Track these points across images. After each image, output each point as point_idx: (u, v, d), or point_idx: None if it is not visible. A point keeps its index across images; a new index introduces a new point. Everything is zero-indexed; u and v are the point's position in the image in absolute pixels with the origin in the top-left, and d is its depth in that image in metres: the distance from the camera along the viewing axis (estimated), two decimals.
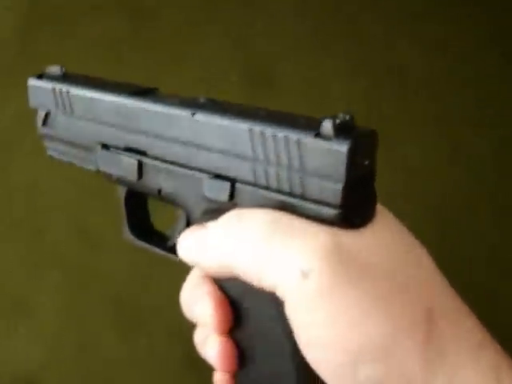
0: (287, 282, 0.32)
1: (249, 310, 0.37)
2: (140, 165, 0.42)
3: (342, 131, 0.32)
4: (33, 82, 0.48)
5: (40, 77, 0.48)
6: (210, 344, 0.38)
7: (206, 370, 0.41)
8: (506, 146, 1.32)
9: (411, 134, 1.30)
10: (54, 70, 0.47)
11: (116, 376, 1.14)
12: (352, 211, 0.33)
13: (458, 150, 1.31)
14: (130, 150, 0.42)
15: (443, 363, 0.31)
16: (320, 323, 0.31)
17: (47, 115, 0.47)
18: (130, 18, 1.29)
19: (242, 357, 0.38)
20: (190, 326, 0.42)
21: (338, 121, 0.32)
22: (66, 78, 0.47)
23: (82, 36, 1.26)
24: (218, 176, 0.37)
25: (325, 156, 0.32)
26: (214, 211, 0.37)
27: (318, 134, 0.32)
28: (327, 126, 0.32)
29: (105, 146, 0.44)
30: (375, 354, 0.31)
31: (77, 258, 1.18)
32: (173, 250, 0.43)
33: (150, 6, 1.30)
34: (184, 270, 0.41)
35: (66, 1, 1.25)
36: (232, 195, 0.36)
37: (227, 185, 0.36)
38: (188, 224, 0.41)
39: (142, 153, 0.41)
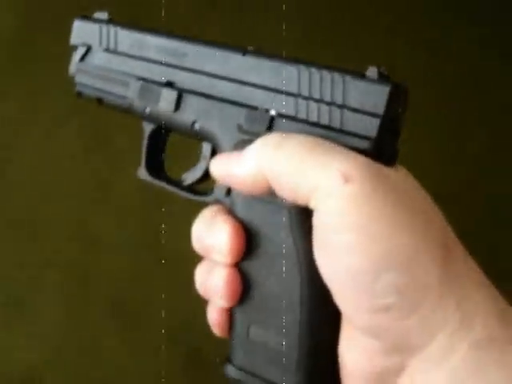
0: (327, 185, 0.34)
1: (261, 241, 0.39)
2: (179, 97, 0.45)
3: (383, 78, 0.37)
4: (79, 21, 0.52)
5: (86, 18, 0.52)
6: (217, 274, 0.40)
7: (207, 372, 0.41)
8: (505, 146, 1.32)
9: (410, 135, 1.30)
10: (101, 15, 0.52)
11: (116, 377, 1.14)
12: (382, 147, 0.37)
13: (456, 150, 1.31)
14: (170, 84, 0.45)
15: (457, 282, 0.33)
16: (352, 227, 0.33)
17: (87, 52, 0.50)
18: (129, 18, 1.29)
19: (245, 290, 0.40)
20: (191, 328, 0.42)
21: (381, 69, 0.37)
22: (112, 21, 0.51)
23: None
24: (258, 109, 0.41)
25: (367, 95, 0.37)
26: (246, 142, 0.40)
27: (363, 76, 0.37)
28: (373, 71, 0.37)
29: (144, 80, 0.47)
30: (398, 263, 0.33)
31: (77, 258, 1.18)
32: (188, 189, 0.46)
33: (150, 6, 1.30)
34: (184, 270, 0.41)
35: (66, 1, 1.25)
36: (270, 126, 0.40)
37: (267, 116, 0.40)
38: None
39: (183, 88, 0.45)
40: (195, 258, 0.46)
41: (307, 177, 0.35)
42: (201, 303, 0.44)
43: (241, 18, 1.29)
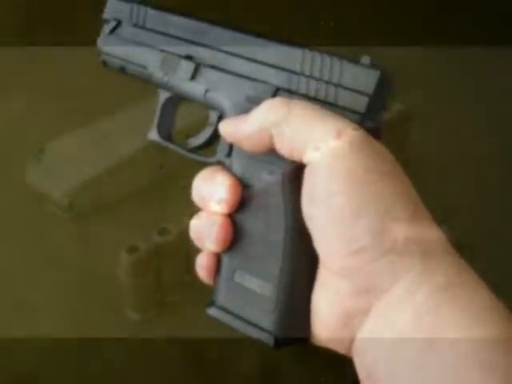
0: (322, 138, 0.40)
1: (254, 195, 0.45)
2: (196, 69, 0.51)
3: (375, 65, 0.43)
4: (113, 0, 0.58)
5: None
6: (212, 221, 0.44)
7: (207, 371, 0.41)
8: (506, 147, 1.32)
9: (411, 134, 1.30)
10: None
11: (116, 377, 1.14)
12: (369, 121, 0.43)
13: (457, 151, 1.31)
14: (189, 57, 0.52)
15: (423, 235, 0.39)
16: (341, 174, 0.39)
17: (117, 26, 0.56)
18: None
19: (235, 238, 0.45)
20: (191, 328, 0.42)
21: (373, 59, 0.44)
22: (143, 1, 0.56)
23: (82, 35, 1.26)
24: (265, 82, 0.47)
25: (360, 77, 0.43)
26: (251, 109, 0.45)
27: (357, 62, 0.44)
28: (366, 58, 0.43)
29: (166, 52, 0.53)
30: (376, 209, 0.38)
31: (77, 258, 1.18)
32: (193, 151, 0.52)
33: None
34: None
35: (66, 1, 1.26)
36: (274, 96, 0.46)
37: (272, 88, 0.46)
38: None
39: (201, 62, 0.51)
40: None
41: (306, 132, 0.40)
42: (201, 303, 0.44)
43: (242, 18, 1.29)
